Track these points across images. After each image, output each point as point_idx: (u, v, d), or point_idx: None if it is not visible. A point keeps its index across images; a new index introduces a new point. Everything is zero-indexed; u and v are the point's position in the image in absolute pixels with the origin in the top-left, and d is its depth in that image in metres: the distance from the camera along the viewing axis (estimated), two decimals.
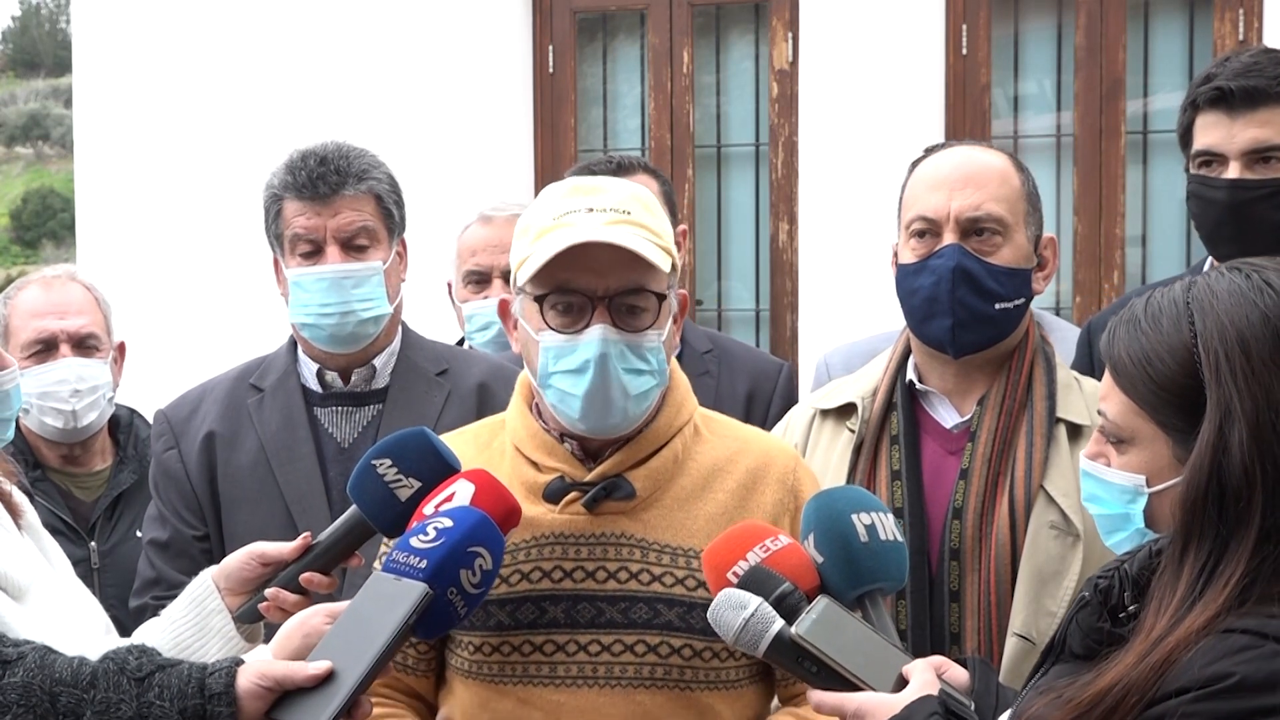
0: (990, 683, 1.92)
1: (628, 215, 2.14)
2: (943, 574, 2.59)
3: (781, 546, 2.03)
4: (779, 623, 1.91)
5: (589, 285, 2.12)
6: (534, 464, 2.22)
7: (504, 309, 2.30)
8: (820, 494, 2.12)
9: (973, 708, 1.86)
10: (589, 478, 2.20)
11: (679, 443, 2.24)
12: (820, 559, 2.03)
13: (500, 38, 6.13)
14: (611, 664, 2.17)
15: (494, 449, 2.28)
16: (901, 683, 1.88)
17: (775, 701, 2.34)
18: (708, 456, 2.27)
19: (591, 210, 2.14)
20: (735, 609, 1.92)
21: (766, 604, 1.92)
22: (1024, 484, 2.58)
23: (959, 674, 1.94)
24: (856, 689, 1.89)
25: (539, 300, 2.15)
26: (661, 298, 2.15)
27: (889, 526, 2.05)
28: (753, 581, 1.97)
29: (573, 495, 2.19)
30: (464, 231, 3.93)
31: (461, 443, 2.30)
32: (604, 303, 2.12)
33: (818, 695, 1.91)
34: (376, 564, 2.32)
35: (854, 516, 2.03)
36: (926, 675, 1.87)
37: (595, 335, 2.12)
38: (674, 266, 2.20)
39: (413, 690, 2.30)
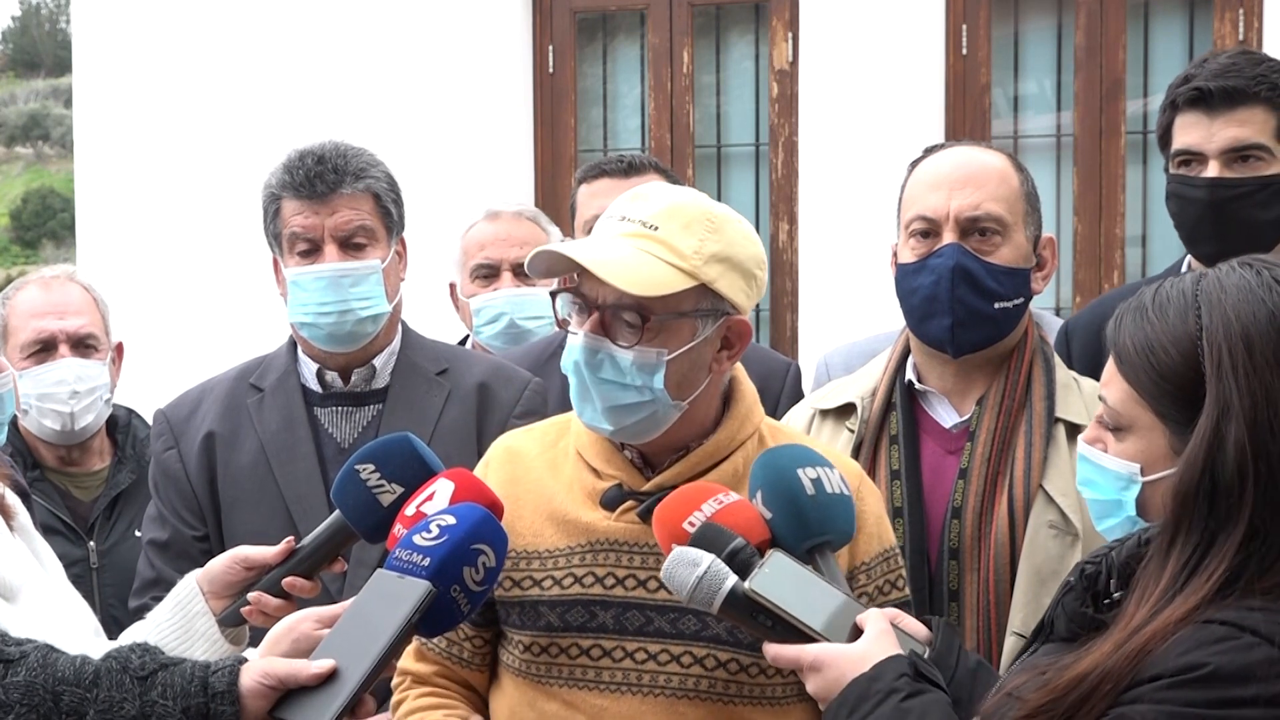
0: (953, 644, 1.93)
1: (654, 231, 2.14)
2: (942, 573, 2.59)
3: (731, 502, 2.03)
4: (732, 578, 1.91)
5: (591, 292, 2.15)
6: (594, 470, 2.23)
7: None
8: (766, 452, 2.12)
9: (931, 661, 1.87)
10: (646, 487, 2.20)
11: (740, 456, 2.22)
12: (769, 515, 2.03)
13: (500, 38, 6.13)
14: (656, 673, 2.17)
15: (559, 449, 2.29)
16: (856, 633, 1.88)
17: None
18: None
19: (624, 219, 2.17)
20: (688, 566, 1.91)
21: (719, 560, 1.92)
22: (1023, 483, 2.58)
23: (913, 624, 1.95)
24: (812, 641, 1.89)
25: (554, 294, 2.22)
26: (646, 318, 2.11)
27: (835, 480, 2.05)
28: (704, 539, 1.96)
29: (628, 504, 2.19)
30: (469, 230, 3.94)
31: (529, 440, 2.32)
32: (600, 311, 2.14)
33: (774, 649, 1.91)
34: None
35: (800, 471, 2.03)
36: (880, 624, 1.88)
37: (578, 341, 2.16)
38: (710, 289, 2.15)
39: (466, 681, 2.32)
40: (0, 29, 37.50)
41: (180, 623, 2.21)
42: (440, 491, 2.08)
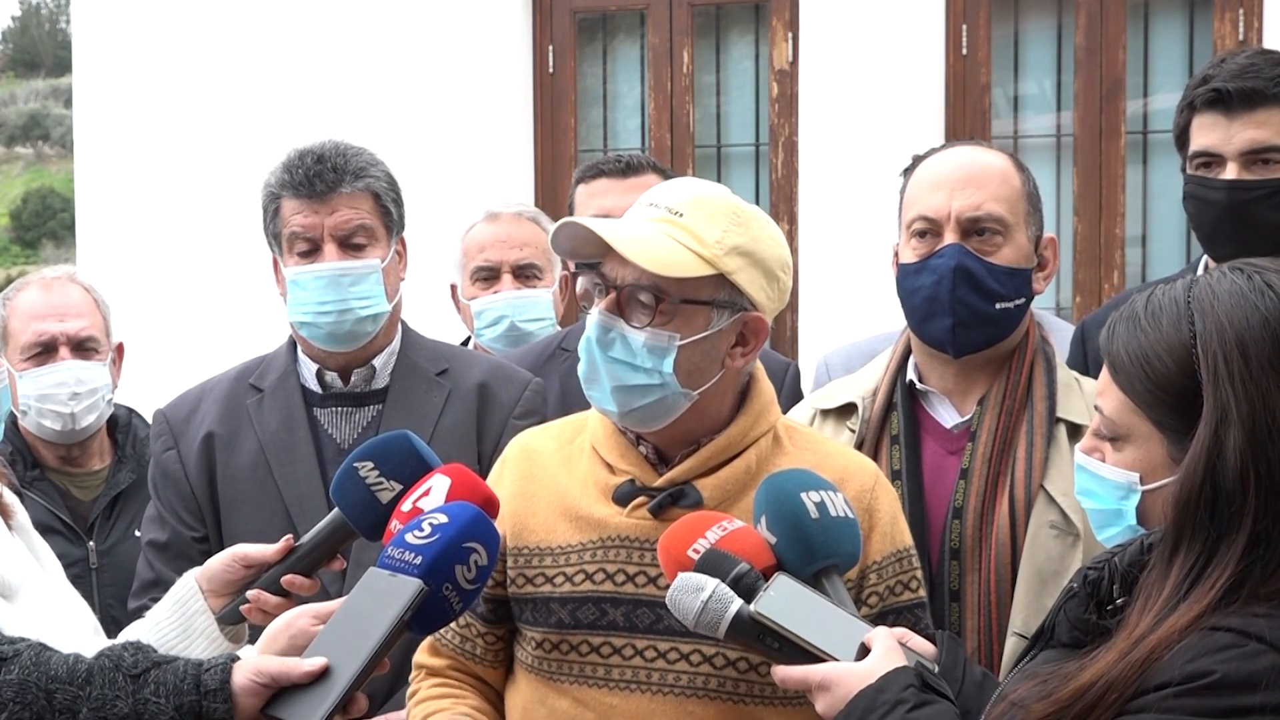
0: (959, 657, 1.93)
1: (679, 217, 2.16)
2: (943, 573, 2.59)
3: (735, 528, 2.03)
4: (738, 602, 1.90)
5: (611, 272, 2.17)
6: (608, 465, 2.23)
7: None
8: (769, 476, 2.11)
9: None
10: (658, 483, 2.20)
11: (754, 454, 2.22)
12: (774, 540, 2.02)
13: (500, 38, 6.13)
14: (666, 671, 2.16)
15: (575, 446, 2.30)
16: (864, 652, 1.88)
17: None
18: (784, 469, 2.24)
19: (651, 205, 2.20)
20: (693, 592, 1.91)
21: (724, 585, 1.92)
22: (1024, 484, 2.58)
23: (922, 643, 1.94)
24: (820, 661, 1.88)
25: (574, 274, 2.22)
26: (661, 299, 2.13)
27: (839, 504, 2.04)
28: (709, 564, 1.96)
29: (640, 500, 2.20)
30: (469, 231, 3.94)
31: (545, 438, 2.34)
32: (618, 292, 2.16)
33: (782, 671, 1.90)
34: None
35: (803, 495, 2.02)
36: (888, 642, 1.88)
37: (593, 319, 2.18)
38: (728, 280, 2.15)
39: (479, 676, 2.33)
40: (0, 29, 37.55)
41: (179, 621, 2.20)
42: (436, 487, 2.07)
